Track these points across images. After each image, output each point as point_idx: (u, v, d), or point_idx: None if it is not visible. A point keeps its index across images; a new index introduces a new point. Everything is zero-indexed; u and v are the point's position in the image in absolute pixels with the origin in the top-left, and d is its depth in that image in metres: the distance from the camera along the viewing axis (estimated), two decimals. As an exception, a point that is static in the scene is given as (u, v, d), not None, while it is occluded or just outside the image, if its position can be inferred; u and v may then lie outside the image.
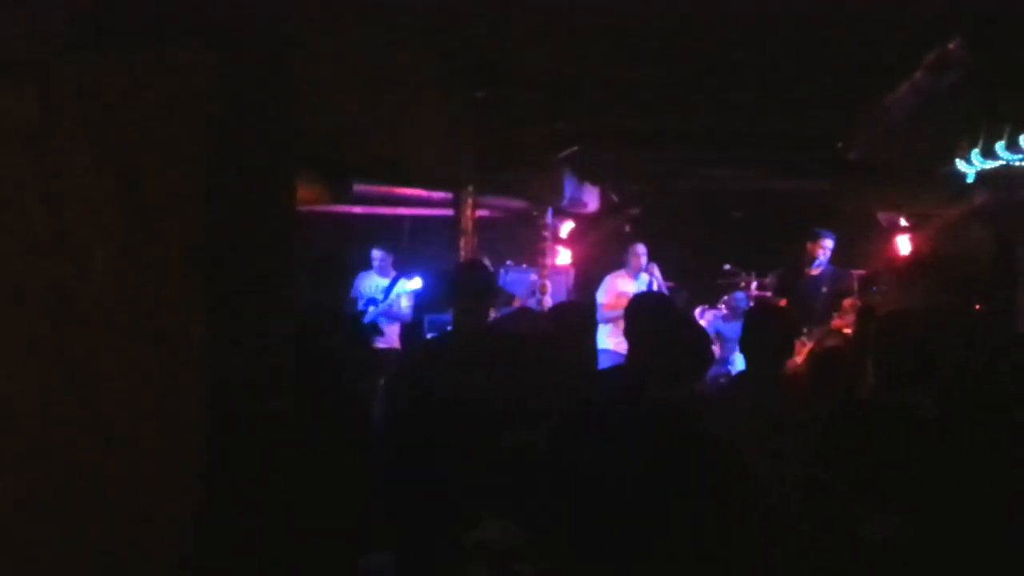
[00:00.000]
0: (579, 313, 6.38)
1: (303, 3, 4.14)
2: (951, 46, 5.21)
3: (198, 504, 3.23)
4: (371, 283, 11.31)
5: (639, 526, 3.92)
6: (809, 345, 10.11)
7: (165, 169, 3.15)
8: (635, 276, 11.97)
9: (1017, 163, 7.32)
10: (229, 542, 3.37)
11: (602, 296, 11.93)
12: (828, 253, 11.00)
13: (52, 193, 3.21)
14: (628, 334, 5.93)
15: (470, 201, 9.69)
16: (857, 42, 5.86)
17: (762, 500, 4.23)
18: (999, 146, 6.99)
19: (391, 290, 11.15)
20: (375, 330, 10.73)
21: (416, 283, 11.16)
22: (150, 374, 3.21)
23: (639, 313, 5.93)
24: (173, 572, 3.25)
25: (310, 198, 9.04)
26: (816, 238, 11.02)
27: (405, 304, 11.19)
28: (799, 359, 9.25)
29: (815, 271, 11.01)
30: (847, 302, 10.89)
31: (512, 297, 12.39)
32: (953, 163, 8.22)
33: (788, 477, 4.41)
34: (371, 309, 10.98)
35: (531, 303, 12.48)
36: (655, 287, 11.96)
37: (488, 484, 3.79)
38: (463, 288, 6.09)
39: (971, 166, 7.92)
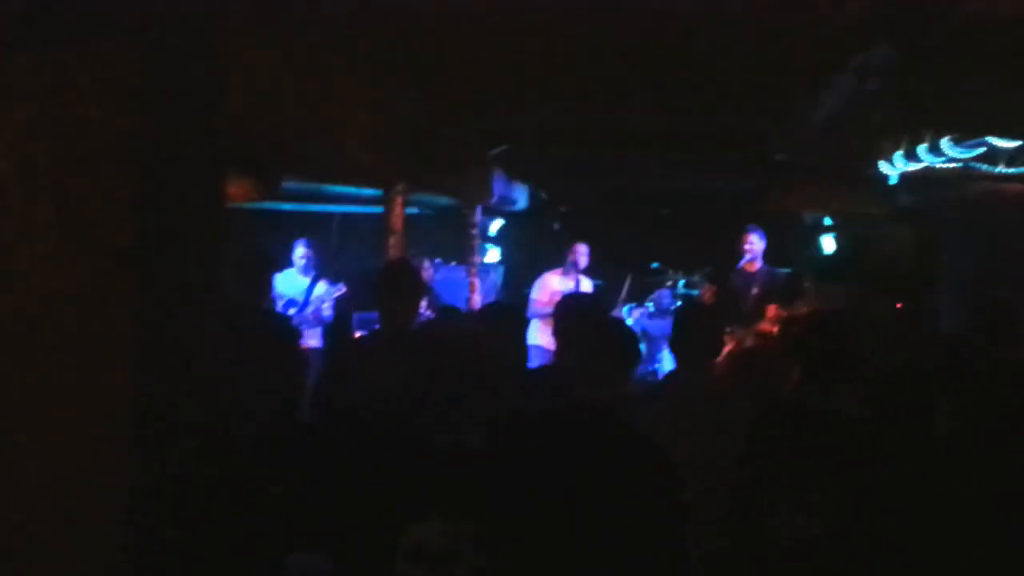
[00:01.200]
0: (508, 314, 6.39)
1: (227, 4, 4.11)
2: (874, 50, 5.29)
3: (124, 501, 3.21)
4: (290, 282, 10.91)
5: (570, 524, 3.94)
6: (729, 345, 10.18)
7: (93, 167, 3.13)
8: (571, 275, 11.96)
9: (939, 165, 7.44)
10: (155, 541, 3.35)
11: (536, 293, 11.92)
12: (756, 249, 11.07)
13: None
14: (557, 334, 5.97)
15: (399, 199, 9.65)
16: (783, 44, 5.92)
17: (688, 499, 4.27)
18: (921, 149, 7.11)
19: (311, 292, 10.94)
20: (297, 333, 10.52)
21: (338, 289, 10.93)
22: (78, 374, 3.19)
23: (567, 313, 5.97)
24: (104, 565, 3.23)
25: (239, 195, 8.96)
26: (744, 233, 11.11)
27: (327, 308, 10.92)
28: (720, 358, 9.32)
29: (749, 267, 11.08)
30: (771, 308, 10.96)
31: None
32: (877, 165, 8.34)
33: (714, 477, 4.46)
34: (291, 311, 10.72)
35: (461, 301, 12.45)
36: (584, 285, 12.00)
37: (421, 485, 3.79)
38: (389, 287, 6.09)
39: (894, 168, 8.04)
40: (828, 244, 14.43)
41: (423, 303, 10.45)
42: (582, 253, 12.07)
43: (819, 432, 4.25)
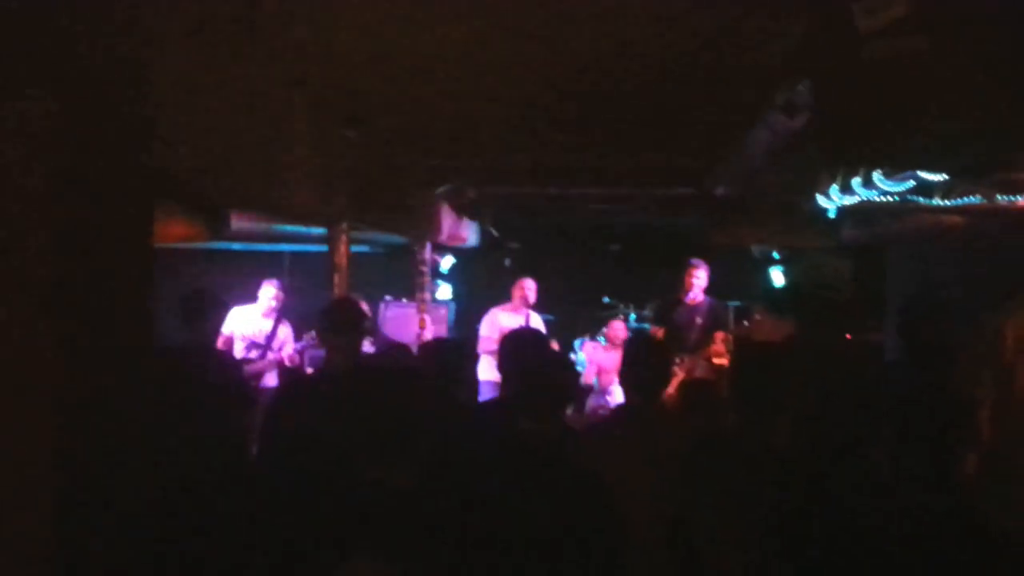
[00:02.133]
0: (452, 348, 6.44)
1: (163, 46, 4.15)
2: (799, 88, 5.40)
3: (50, 548, 3.21)
4: (251, 323, 10.71)
5: (509, 559, 3.97)
6: (680, 375, 10.28)
7: (13, 214, 3.15)
8: (519, 311, 12.04)
9: (876, 199, 7.55)
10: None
11: (485, 329, 12.01)
12: (702, 282, 11.20)
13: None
14: (500, 368, 6.02)
15: (344, 237, 9.70)
16: (714, 83, 6.02)
17: (627, 533, 4.32)
18: (855, 183, 7.23)
19: (274, 336, 10.73)
20: (256, 379, 10.42)
21: (306, 342, 10.80)
22: (2, 416, 3.19)
23: (511, 347, 6.03)
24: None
25: (188, 235, 9.00)
26: (689, 268, 11.23)
27: (288, 351, 10.76)
28: (671, 388, 9.41)
29: (691, 301, 11.20)
30: (719, 335, 11.12)
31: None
32: (815, 199, 8.46)
33: (655, 510, 4.51)
34: (253, 354, 10.67)
35: (411, 337, 12.47)
36: (534, 320, 12.07)
37: (354, 523, 3.80)
38: (333, 324, 6.14)
39: (832, 202, 8.16)
40: (777, 277, 14.58)
41: (367, 340, 10.45)
42: (528, 288, 12.15)
43: (750, 465, 4.30)
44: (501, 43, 5.54)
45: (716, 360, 10.71)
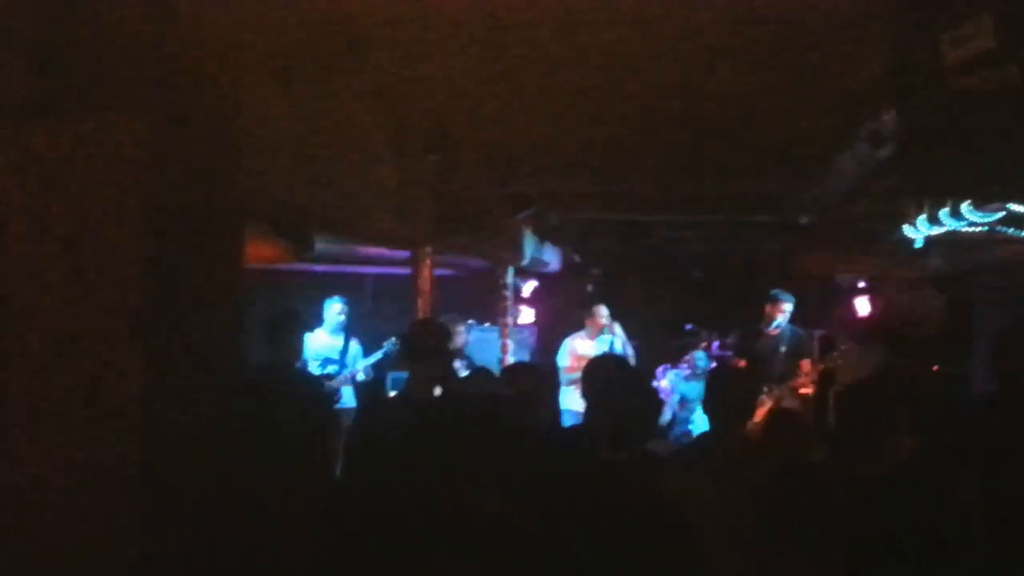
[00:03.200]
0: (533, 374, 6.43)
1: (253, 71, 4.21)
2: (885, 118, 5.35)
3: (138, 569, 3.24)
4: (322, 343, 10.94)
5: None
6: (768, 405, 10.18)
7: (104, 235, 3.20)
8: (595, 338, 12.04)
9: (964, 229, 7.45)
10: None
11: (563, 360, 12.00)
12: (787, 314, 11.11)
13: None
14: (584, 394, 6.00)
15: (427, 261, 9.74)
16: (803, 111, 5.99)
17: (708, 562, 4.29)
18: (943, 213, 7.13)
19: (347, 351, 10.97)
20: (338, 395, 10.56)
21: (375, 356, 11.02)
22: (90, 437, 3.23)
23: (592, 375, 6.00)
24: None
25: (272, 256, 9.09)
26: (774, 300, 11.14)
27: (361, 368, 10.92)
28: (758, 419, 9.32)
29: (774, 332, 11.11)
30: (804, 363, 11.00)
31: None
32: (901, 228, 8.36)
33: (735, 542, 4.48)
34: (331, 369, 10.81)
35: (493, 362, 12.49)
36: (618, 345, 12.04)
37: (443, 548, 3.81)
38: (414, 348, 6.15)
39: (918, 232, 8.06)
40: (863, 306, 14.39)
41: (457, 363, 10.54)
42: (601, 315, 12.13)
43: (835, 497, 4.26)
44: (587, 69, 5.56)
45: (803, 390, 10.59)
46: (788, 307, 11.11)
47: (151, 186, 3.23)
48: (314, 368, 10.58)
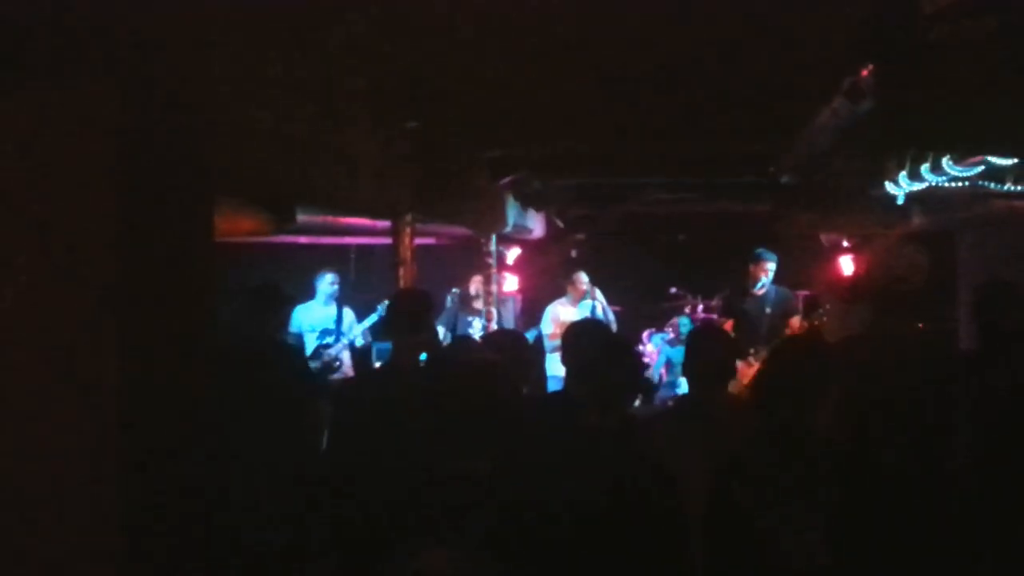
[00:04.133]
0: (517, 339, 6.43)
1: (226, 38, 4.17)
2: (864, 73, 5.32)
3: (118, 542, 3.22)
4: (316, 314, 11.16)
5: (577, 548, 3.97)
6: (755, 367, 10.19)
7: (74, 206, 3.16)
8: (577, 304, 12.09)
9: (945, 184, 7.44)
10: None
11: (547, 327, 12.06)
12: (770, 274, 11.11)
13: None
14: (564, 360, 6.00)
15: (408, 230, 9.71)
16: (781, 69, 5.96)
17: (689, 521, 4.29)
18: (924, 168, 7.12)
19: (342, 321, 11.04)
20: (338, 362, 10.68)
21: (370, 319, 11.09)
22: (65, 414, 3.20)
23: (573, 340, 6.01)
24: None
25: (254, 228, 9.04)
26: (757, 260, 11.15)
27: (360, 339, 11.10)
28: (745, 380, 9.33)
29: (759, 292, 11.11)
30: (793, 322, 11.02)
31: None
32: (883, 185, 8.34)
33: (712, 501, 4.47)
34: (329, 339, 10.88)
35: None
36: (599, 311, 12.06)
37: (429, 512, 3.81)
38: (399, 317, 6.14)
39: (900, 188, 8.05)
40: (847, 265, 14.38)
41: (445, 332, 10.62)
42: (581, 281, 12.18)
43: (815, 455, 4.25)
44: (566, 30, 5.52)
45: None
46: (771, 266, 11.12)
47: (119, 156, 3.19)
48: (311, 340, 10.75)
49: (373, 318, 11.15)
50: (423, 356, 6.14)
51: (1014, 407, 5.32)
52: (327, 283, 11.27)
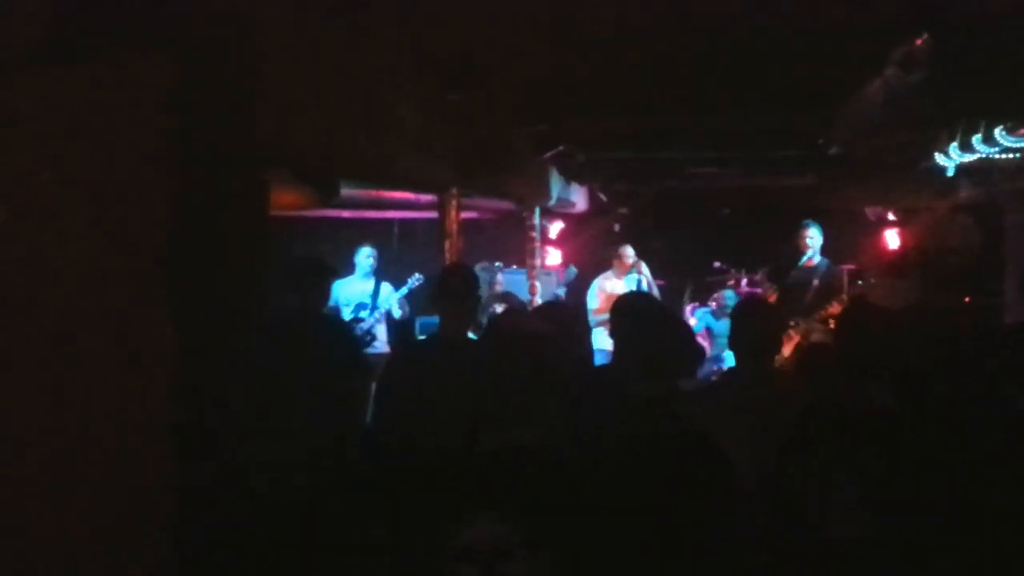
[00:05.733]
0: (564, 311, 6.41)
1: (273, 11, 4.17)
2: (917, 42, 5.24)
3: (171, 509, 3.24)
4: (354, 288, 11.14)
5: (626, 521, 3.95)
6: (796, 339, 10.14)
7: (128, 178, 3.18)
8: (623, 277, 12.03)
9: (995, 156, 7.36)
10: (208, 545, 3.39)
11: (592, 301, 12.00)
12: (815, 243, 10.98)
13: (16, 204, 3.22)
14: (613, 333, 5.97)
15: (454, 203, 9.70)
16: (830, 39, 5.89)
17: (740, 494, 4.27)
18: (976, 139, 7.04)
19: (378, 295, 11.04)
20: (371, 336, 10.70)
21: (409, 287, 11.11)
22: (118, 382, 3.23)
23: (623, 313, 5.98)
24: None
25: (297, 203, 9.07)
26: (801, 229, 11.03)
27: (397, 310, 11.10)
28: (787, 352, 9.29)
29: (808, 263, 11.01)
30: (834, 303, 10.92)
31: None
32: (933, 157, 8.26)
33: (764, 472, 4.45)
34: (363, 314, 10.88)
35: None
36: (644, 284, 12.01)
37: (477, 485, 3.81)
38: (445, 291, 6.14)
39: (950, 160, 7.97)
40: (892, 239, 14.26)
41: (501, 305, 10.62)
42: (627, 255, 12.12)
43: (863, 428, 4.22)
44: (610, 4, 5.48)
45: (833, 324, 10.50)
46: (816, 234, 10.98)
47: (173, 128, 3.20)
48: (347, 313, 10.74)
49: (404, 290, 11.13)
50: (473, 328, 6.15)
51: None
52: (365, 257, 11.23)
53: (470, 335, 6.31)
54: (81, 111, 3.21)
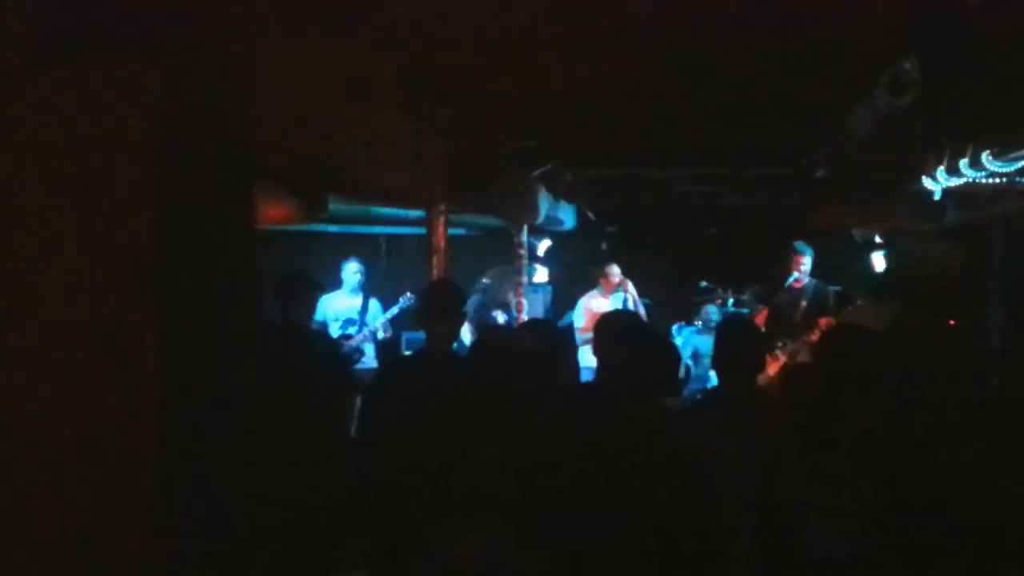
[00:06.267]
0: (550, 329, 6.42)
1: (262, 23, 4.17)
2: (906, 66, 5.26)
3: (154, 516, 3.24)
4: (342, 304, 11.12)
5: (610, 534, 3.95)
6: (783, 359, 10.17)
7: (115, 185, 3.18)
8: (609, 296, 12.06)
9: (983, 180, 7.38)
10: (191, 563, 3.38)
11: (579, 319, 12.02)
12: (805, 267, 11.05)
13: (2, 207, 3.22)
14: (596, 351, 5.97)
15: (441, 219, 9.70)
16: (818, 61, 5.90)
17: (722, 512, 4.27)
18: (963, 164, 7.06)
19: (366, 311, 11.01)
20: (359, 353, 10.68)
21: (395, 308, 11.07)
22: (101, 390, 3.22)
23: (607, 331, 5.98)
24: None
25: (285, 216, 9.07)
26: (794, 254, 11.10)
27: (381, 332, 11.05)
28: (771, 372, 9.31)
29: (797, 284, 11.06)
30: (823, 320, 10.95)
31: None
32: (920, 180, 8.28)
33: (747, 492, 4.46)
34: (351, 330, 10.86)
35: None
36: (631, 304, 12.03)
37: (463, 499, 3.80)
38: (432, 307, 6.15)
39: (937, 183, 7.98)
40: (878, 261, 14.30)
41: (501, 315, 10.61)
42: (613, 273, 12.16)
43: (848, 448, 4.24)
44: (597, 21, 5.49)
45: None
46: (807, 259, 11.06)
47: (161, 135, 3.21)
48: (335, 329, 10.71)
49: (395, 310, 11.09)
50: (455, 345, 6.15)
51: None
52: (351, 272, 11.17)
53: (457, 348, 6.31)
54: (69, 116, 3.22)
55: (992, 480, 4.91)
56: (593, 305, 12.01)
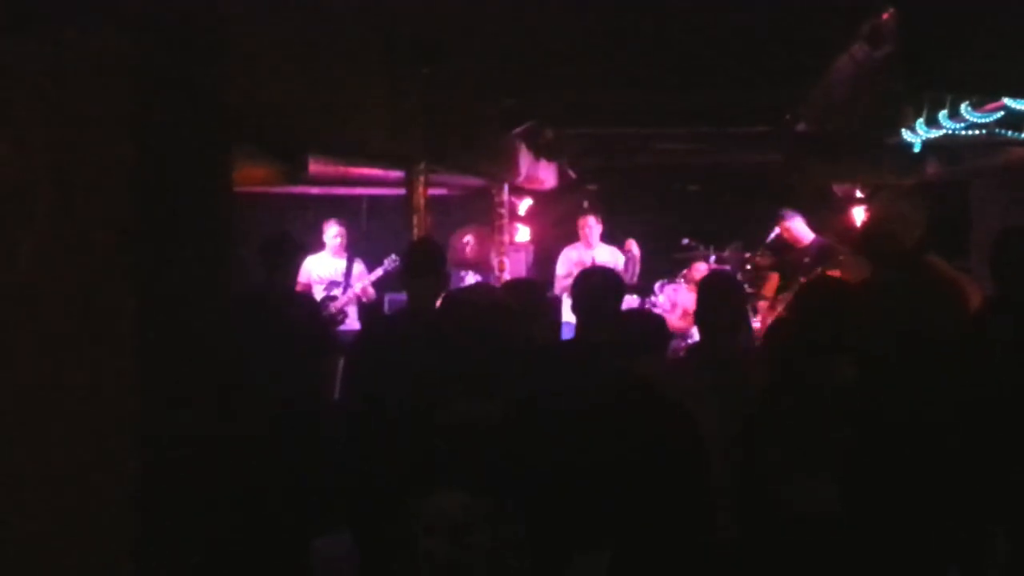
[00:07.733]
0: (531, 288, 6.41)
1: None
2: (884, 17, 5.24)
3: (135, 485, 3.23)
4: (326, 264, 11.15)
5: (596, 488, 3.95)
6: (768, 316, 10.22)
7: (90, 153, 3.15)
8: (591, 249, 12.11)
9: (961, 132, 7.38)
10: (170, 523, 3.38)
11: (559, 268, 12.14)
12: (793, 231, 11.24)
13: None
14: (575, 308, 5.97)
15: (422, 179, 9.66)
16: (797, 15, 5.89)
17: (709, 464, 4.29)
18: (942, 115, 7.05)
19: (351, 273, 11.02)
20: (343, 315, 10.69)
21: (379, 270, 11.05)
22: (81, 359, 3.21)
23: (586, 287, 5.96)
24: (114, 556, 3.26)
25: (265, 178, 9.02)
26: (778, 219, 11.28)
27: (369, 290, 11.06)
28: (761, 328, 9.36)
29: (803, 243, 11.25)
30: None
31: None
32: (900, 133, 8.27)
33: (732, 449, 4.47)
34: (336, 292, 10.86)
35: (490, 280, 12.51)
36: (607, 255, 12.11)
37: (440, 457, 3.81)
38: (413, 266, 6.14)
39: (916, 136, 7.97)
40: (859, 216, 14.30)
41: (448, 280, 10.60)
42: (590, 224, 12.20)
43: (825, 402, 4.25)
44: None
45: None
46: (792, 223, 11.22)
47: (136, 100, 3.18)
48: (319, 291, 10.70)
49: (379, 271, 11.08)
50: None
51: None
52: (332, 235, 11.26)
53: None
54: (42, 83, 3.18)
55: (970, 431, 4.95)
56: (573, 256, 12.11)
